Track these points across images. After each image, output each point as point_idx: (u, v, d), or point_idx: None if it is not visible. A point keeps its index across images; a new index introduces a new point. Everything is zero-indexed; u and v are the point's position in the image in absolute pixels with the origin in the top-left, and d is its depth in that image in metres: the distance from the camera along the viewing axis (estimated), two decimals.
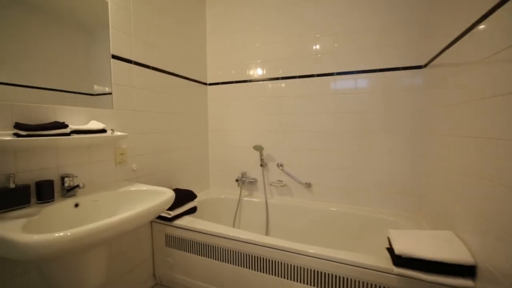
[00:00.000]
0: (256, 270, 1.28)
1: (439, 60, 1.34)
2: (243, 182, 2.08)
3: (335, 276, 1.11)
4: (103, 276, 1.01)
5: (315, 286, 1.16)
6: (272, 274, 1.25)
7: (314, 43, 1.85)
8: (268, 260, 1.25)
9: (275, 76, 1.98)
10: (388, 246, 1.11)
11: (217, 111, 2.23)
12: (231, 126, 2.18)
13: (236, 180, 2.10)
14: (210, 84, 2.23)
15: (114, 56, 1.35)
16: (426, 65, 1.53)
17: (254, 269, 1.29)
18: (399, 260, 0.98)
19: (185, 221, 1.49)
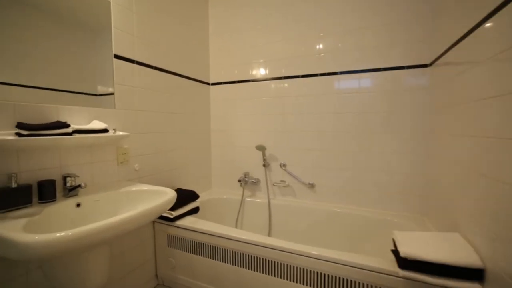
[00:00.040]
0: (258, 271, 1.27)
1: (444, 59, 1.31)
2: (246, 182, 2.07)
3: (339, 278, 1.09)
4: (104, 276, 1.01)
5: None
6: (274, 276, 1.23)
7: (317, 42, 1.83)
8: (270, 261, 1.24)
9: (278, 75, 1.97)
10: (393, 248, 1.08)
11: (219, 111, 2.22)
12: (233, 126, 2.17)
13: (239, 181, 2.09)
14: (213, 84, 2.22)
15: (117, 56, 1.35)
16: (431, 63, 1.50)
17: (256, 270, 1.27)
18: (404, 262, 0.96)
19: (187, 221, 1.48)
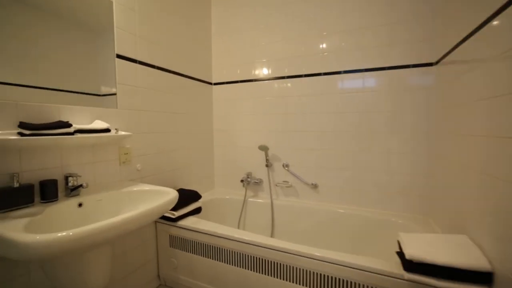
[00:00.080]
0: (261, 273, 1.25)
1: (451, 57, 1.28)
2: (248, 182, 2.06)
3: (342, 280, 1.08)
4: (106, 276, 1.00)
5: None
6: (277, 277, 1.22)
7: (320, 41, 1.81)
8: (273, 262, 1.22)
9: (281, 75, 1.95)
10: (398, 250, 1.06)
11: (222, 111, 2.21)
12: (236, 126, 2.16)
13: (241, 181, 2.08)
14: (215, 83, 2.21)
15: (119, 56, 1.35)
16: (437, 62, 1.48)
17: (258, 271, 1.26)
18: (409, 265, 0.93)
19: (189, 221, 1.47)
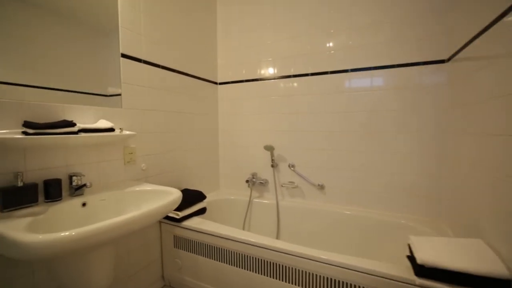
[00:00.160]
0: (266, 275, 1.23)
1: (464, 54, 1.24)
2: (254, 183, 2.03)
3: (349, 284, 1.04)
4: (109, 277, 0.99)
5: None
6: (282, 280, 1.19)
7: (327, 38, 1.77)
8: (278, 265, 1.19)
9: (287, 74, 1.93)
10: (408, 254, 1.02)
11: (227, 111, 2.20)
12: (241, 126, 2.14)
13: (247, 181, 2.06)
14: (221, 83, 2.20)
15: (124, 55, 1.35)
16: (449, 59, 1.42)
17: (264, 274, 1.23)
18: (421, 270, 0.90)
19: (193, 222, 1.46)
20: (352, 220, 1.68)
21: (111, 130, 1.16)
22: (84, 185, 1.04)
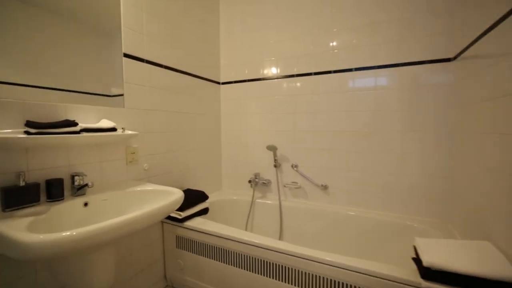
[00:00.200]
0: (269, 277, 1.21)
1: (471, 52, 1.21)
2: (256, 183, 2.02)
3: (354, 287, 1.02)
4: (110, 277, 0.99)
5: None
6: (285, 282, 1.17)
7: (330, 38, 1.76)
8: (281, 266, 1.18)
9: (290, 73, 1.91)
10: (414, 256, 1.00)
11: (230, 111, 2.19)
12: (244, 125, 2.13)
13: (249, 181, 2.05)
14: (223, 83, 2.19)
15: (126, 55, 1.35)
16: (455, 57, 1.40)
17: (266, 275, 1.22)
18: (427, 272, 0.87)
19: (196, 222, 1.45)
20: (356, 221, 1.66)
21: (113, 129, 1.16)
22: (86, 185, 1.04)
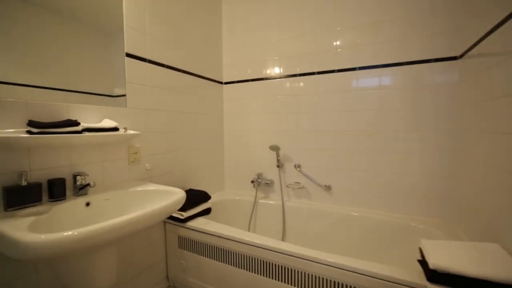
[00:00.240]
0: (272, 278, 1.20)
1: (479, 49, 1.18)
2: (259, 183, 2.01)
3: None
4: (112, 277, 0.98)
5: None
6: (288, 283, 1.16)
7: (334, 37, 1.74)
8: (284, 267, 1.17)
9: (293, 73, 1.90)
10: (419, 258, 0.98)
11: (232, 111, 2.18)
12: (247, 125, 2.12)
13: (252, 182, 2.03)
14: (226, 83, 2.18)
15: (128, 55, 1.34)
16: (462, 55, 1.37)
17: (269, 276, 1.21)
18: (434, 275, 0.85)
19: (198, 222, 1.44)
20: (360, 222, 1.64)
21: (115, 129, 1.16)
22: (88, 184, 1.04)
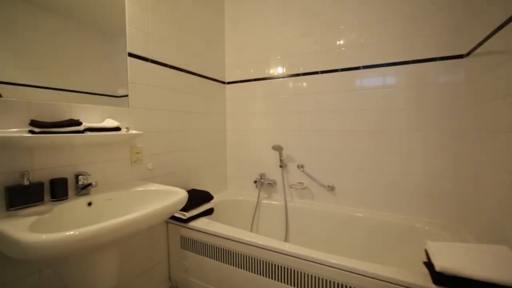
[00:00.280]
0: (274, 279, 1.19)
1: (485, 47, 1.16)
2: (262, 183, 2.00)
3: None
4: (114, 277, 0.98)
5: None
6: (291, 285, 1.14)
7: (337, 35, 1.72)
8: (286, 268, 1.15)
9: (296, 72, 1.88)
10: (425, 260, 0.96)
11: (235, 110, 2.17)
12: (249, 125, 2.11)
13: (255, 182, 2.02)
14: (229, 82, 2.18)
15: (131, 54, 1.34)
16: (468, 53, 1.35)
17: (272, 277, 1.19)
18: (440, 278, 0.83)
19: (200, 223, 1.44)
20: (364, 223, 1.62)
21: (118, 129, 1.15)
22: (90, 184, 1.04)
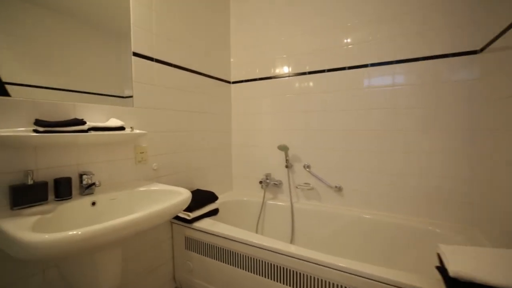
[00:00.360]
0: (279, 282, 1.16)
1: (500, 42, 1.11)
2: (267, 184, 1.97)
3: None
4: (117, 277, 0.97)
5: None
6: None
7: (344, 33, 1.68)
8: (292, 271, 1.12)
9: (302, 71, 1.85)
10: (438, 264, 0.91)
11: (240, 110, 2.15)
12: (255, 125, 2.09)
13: (260, 182, 2.00)
14: (234, 82, 2.16)
15: (136, 54, 1.34)
16: (482, 49, 1.29)
17: (277, 280, 1.17)
18: (454, 283, 0.79)
19: (205, 223, 1.42)
20: (372, 225, 1.57)
21: (122, 128, 1.15)
22: (94, 184, 1.03)
